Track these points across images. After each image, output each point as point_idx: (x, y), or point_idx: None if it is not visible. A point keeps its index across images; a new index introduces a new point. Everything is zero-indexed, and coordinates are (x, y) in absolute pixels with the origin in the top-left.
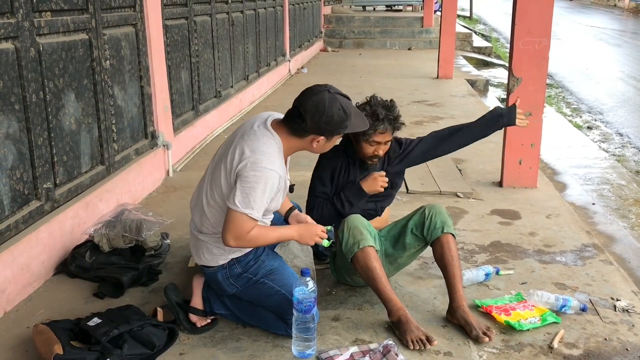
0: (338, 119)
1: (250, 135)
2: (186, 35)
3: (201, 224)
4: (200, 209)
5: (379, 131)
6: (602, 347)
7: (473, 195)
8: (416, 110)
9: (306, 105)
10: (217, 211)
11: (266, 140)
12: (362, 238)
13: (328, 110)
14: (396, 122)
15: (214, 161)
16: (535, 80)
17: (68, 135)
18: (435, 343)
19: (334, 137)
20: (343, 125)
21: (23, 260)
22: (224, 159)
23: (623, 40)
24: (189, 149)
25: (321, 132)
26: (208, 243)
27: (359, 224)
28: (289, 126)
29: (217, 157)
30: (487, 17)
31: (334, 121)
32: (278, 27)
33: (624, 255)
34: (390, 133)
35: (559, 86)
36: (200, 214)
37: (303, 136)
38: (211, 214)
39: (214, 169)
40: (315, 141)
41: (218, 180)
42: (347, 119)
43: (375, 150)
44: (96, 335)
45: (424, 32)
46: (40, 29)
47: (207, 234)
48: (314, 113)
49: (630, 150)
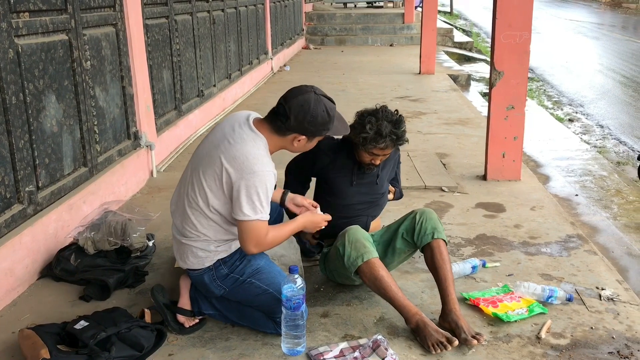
0: (321, 120)
1: (236, 139)
2: (167, 34)
3: (184, 228)
4: (182, 212)
5: (379, 147)
6: (589, 336)
7: (458, 189)
8: (399, 106)
9: (291, 104)
10: (200, 214)
11: (253, 142)
12: (366, 251)
13: (313, 111)
14: (399, 140)
15: (194, 163)
16: (517, 73)
17: (49, 137)
18: (456, 343)
19: (315, 138)
20: (326, 127)
21: (6, 265)
22: (212, 165)
23: (601, 34)
24: (173, 149)
25: (303, 132)
26: (192, 246)
27: (361, 237)
28: (272, 124)
29: (197, 159)
30: (467, 12)
31: (317, 122)
32: (260, 25)
33: (608, 245)
34: (390, 148)
35: (540, 79)
36: (182, 217)
37: (285, 134)
38: (194, 217)
39: (196, 171)
40: (296, 140)
41: (203, 183)
42: (330, 121)
43: (372, 159)
44: (83, 338)
45: (405, 28)
46: (19, 29)
47: (191, 237)
48: (298, 112)
49: (611, 142)
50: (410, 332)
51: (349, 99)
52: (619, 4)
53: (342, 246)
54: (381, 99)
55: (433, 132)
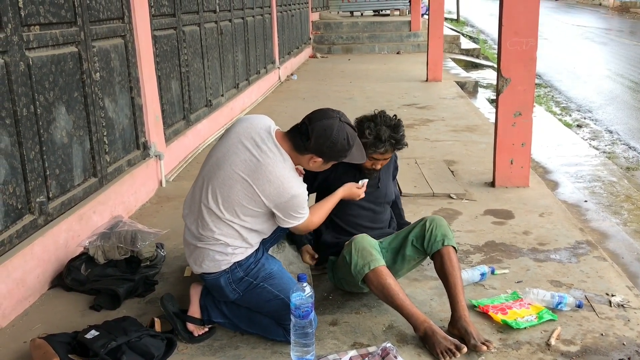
0: (340, 147)
1: (264, 157)
2: (175, 45)
3: (199, 233)
4: (198, 217)
5: (379, 152)
6: (599, 342)
7: (466, 196)
8: (407, 113)
9: (315, 126)
10: (221, 222)
11: (284, 163)
12: (372, 259)
13: (334, 137)
14: (398, 144)
15: (210, 169)
16: (523, 80)
17: (60, 148)
18: (464, 350)
19: (330, 161)
20: (343, 155)
21: (18, 275)
22: (238, 181)
23: (609, 39)
24: (181, 159)
25: (321, 155)
26: (209, 250)
27: (367, 245)
28: (292, 141)
29: (213, 167)
30: (474, 19)
31: (336, 149)
32: (267, 35)
33: (618, 251)
34: (390, 153)
35: (548, 85)
36: (198, 222)
37: (303, 153)
38: (214, 224)
39: (215, 180)
40: (312, 160)
41: (231, 196)
42: (349, 149)
43: (373, 164)
44: (94, 347)
45: (412, 36)
46: (30, 42)
47: (208, 241)
48: (319, 135)
49: (620, 147)
50: (419, 340)
51: (356, 107)
52: (626, 9)
53: (349, 254)
54: (388, 107)
55: (441, 139)
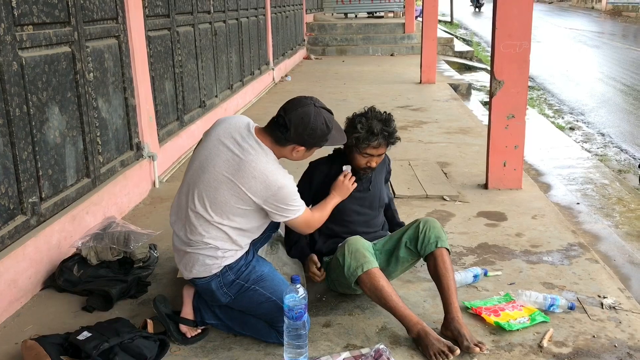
0: (320, 132)
1: (245, 154)
2: (169, 46)
3: (188, 238)
4: (186, 222)
5: (372, 145)
6: (591, 344)
7: (459, 198)
8: (400, 115)
9: (291, 116)
10: (210, 225)
11: (266, 157)
12: (366, 261)
13: (312, 124)
14: (391, 137)
15: (193, 174)
16: (517, 82)
17: (53, 148)
18: (457, 352)
19: (313, 148)
20: (324, 139)
21: (10, 276)
22: (224, 182)
23: (601, 42)
24: (175, 160)
25: (302, 143)
26: (199, 254)
27: (360, 247)
28: (272, 135)
29: (197, 170)
30: (467, 22)
31: (317, 134)
32: (261, 36)
33: (609, 253)
34: (384, 147)
35: (541, 88)
36: (186, 227)
37: (284, 145)
38: (202, 228)
39: (200, 183)
40: (295, 150)
41: (217, 198)
42: (328, 132)
43: (367, 162)
44: (86, 349)
45: (406, 38)
46: (23, 42)
47: (197, 246)
48: (298, 124)
49: (612, 150)
50: (412, 342)
51: (350, 109)
52: (619, 12)
53: (342, 256)
54: (382, 108)
55: (434, 141)
